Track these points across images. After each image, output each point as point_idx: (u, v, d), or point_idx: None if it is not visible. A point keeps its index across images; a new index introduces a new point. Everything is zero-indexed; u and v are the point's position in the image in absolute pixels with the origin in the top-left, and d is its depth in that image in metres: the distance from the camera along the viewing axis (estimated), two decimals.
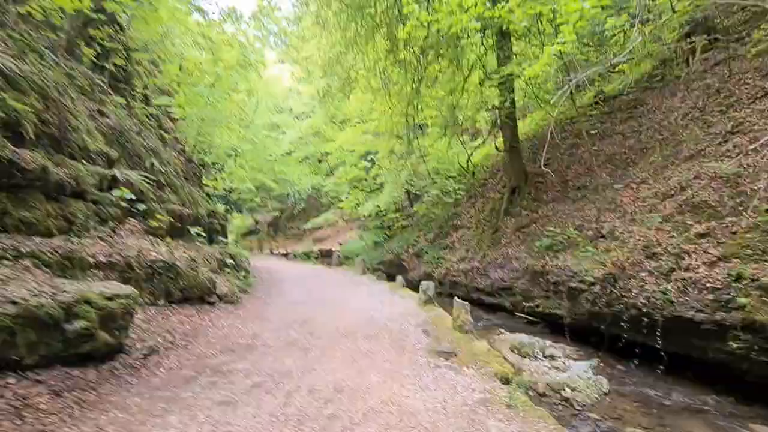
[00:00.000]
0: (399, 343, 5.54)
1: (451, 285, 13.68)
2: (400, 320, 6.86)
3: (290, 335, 5.76)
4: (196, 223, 9.37)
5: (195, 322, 5.88)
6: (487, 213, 14.79)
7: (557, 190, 12.69)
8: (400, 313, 7.50)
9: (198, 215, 9.56)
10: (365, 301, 8.76)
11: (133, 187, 6.76)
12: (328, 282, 11.30)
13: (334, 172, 23.00)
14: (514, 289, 10.69)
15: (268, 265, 15.99)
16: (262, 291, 9.44)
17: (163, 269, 5.99)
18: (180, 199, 8.72)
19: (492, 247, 12.85)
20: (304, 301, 8.59)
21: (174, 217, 7.88)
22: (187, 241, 8.44)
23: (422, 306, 8.50)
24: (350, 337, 5.79)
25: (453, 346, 6.00)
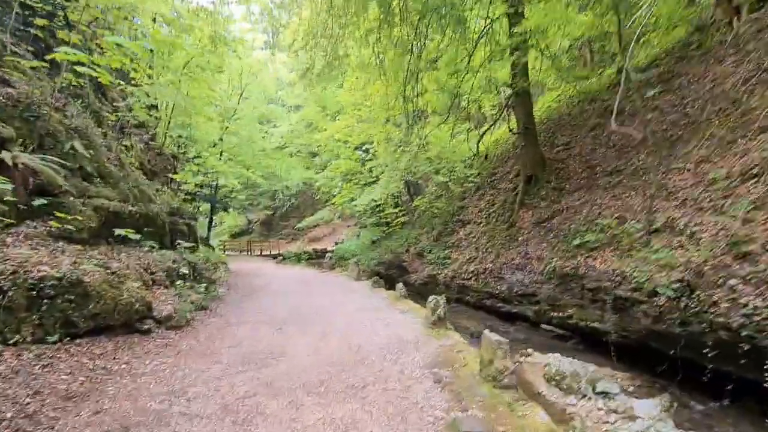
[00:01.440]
0: (397, 407, 3.67)
1: (460, 290, 11.87)
2: (401, 355, 4.95)
3: (235, 390, 3.87)
4: (147, 223, 7.56)
5: (99, 369, 4.07)
6: (499, 206, 12.96)
7: (583, 176, 10.85)
8: (400, 340, 5.58)
9: (149, 214, 7.74)
10: (356, 320, 6.94)
11: (37, 176, 4.94)
12: (315, 291, 9.56)
13: (327, 166, 21.17)
14: (537, 295, 8.87)
15: (251, 270, 14.18)
16: (228, 307, 7.63)
17: (59, 290, 4.20)
18: (120, 194, 6.90)
19: (507, 246, 11.03)
20: (278, 320, 6.74)
21: (105, 216, 6.10)
22: (129, 248, 6.64)
23: (431, 329, 6.49)
24: (324, 392, 3.87)
25: (486, 417, 3.69)
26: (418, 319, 6.86)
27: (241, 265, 15.76)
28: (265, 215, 37.63)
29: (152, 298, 5.76)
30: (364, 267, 17.05)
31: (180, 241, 8.20)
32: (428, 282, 13.34)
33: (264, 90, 24.09)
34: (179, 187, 12.19)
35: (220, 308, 7.46)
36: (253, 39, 21.45)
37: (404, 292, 8.35)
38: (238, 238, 38.00)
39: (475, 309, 11.17)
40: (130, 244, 6.66)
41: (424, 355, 5.05)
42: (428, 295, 13.61)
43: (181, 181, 11.38)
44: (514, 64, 11.16)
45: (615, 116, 6.94)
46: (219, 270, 10.80)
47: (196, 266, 7.73)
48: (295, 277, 11.98)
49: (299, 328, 6.31)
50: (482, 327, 9.60)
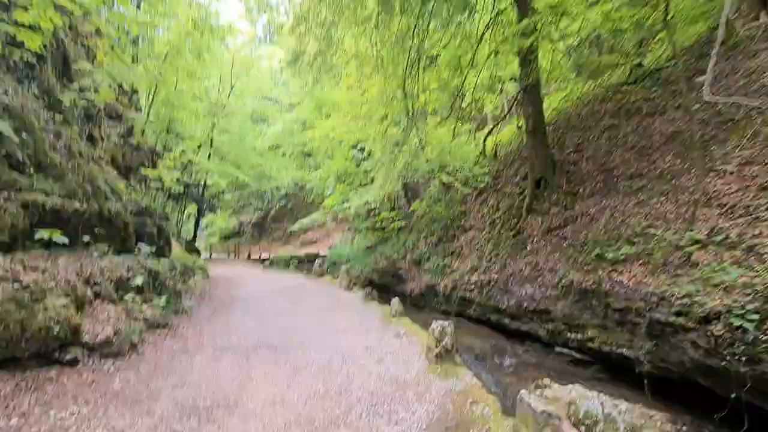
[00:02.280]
0: None
1: (461, 302, 10.81)
2: (397, 408, 3.77)
3: None
4: (102, 224, 6.47)
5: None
6: (504, 211, 11.95)
7: (598, 180, 9.87)
8: (396, 381, 4.37)
9: (104, 213, 6.64)
10: (341, 348, 5.70)
11: None
12: (298, 305, 8.50)
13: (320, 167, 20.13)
14: (551, 312, 7.83)
15: (233, 277, 13.05)
16: (192, 325, 6.50)
17: None
18: (65, 189, 5.81)
19: (514, 255, 10.01)
20: (246, 346, 5.65)
21: (39, 215, 5.02)
22: (76, 253, 5.56)
23: (435, 365, 5.23)
24: None
25: None
26: (417, 348, 5.65)
27: (224, 270, 14.64)
28: (256, 217, 36.46)
29: (86, 317, 4.66)
30: (358, 273, 15.99)
31: (141, 244, 7.11)
32: (426, 293, 12.28)
33: (257, 86, 23.06)
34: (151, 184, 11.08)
35: (183, 326, 6.32)
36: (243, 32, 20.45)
37: (400, 308, 7.27)
38: (230, 240, 36.82)
39: (478, 324, 10.13)
40: (76, 249, 5.59)
41: (429, 408, 3.92)
42: (426, 307, 12.59)
43: (154, 177, 10.28)
44: (524, 52, 10.18)
45: (707, 85, 5.32)
46: (193, 278, 9.70)
47: (158, 275, 6.63)
48: (280, 286, 10.85)
49: (269, 358, 5.17)
50: (488, 346, 8.57)
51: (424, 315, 11.51)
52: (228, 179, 20.01)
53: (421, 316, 11.18)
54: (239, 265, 17.40)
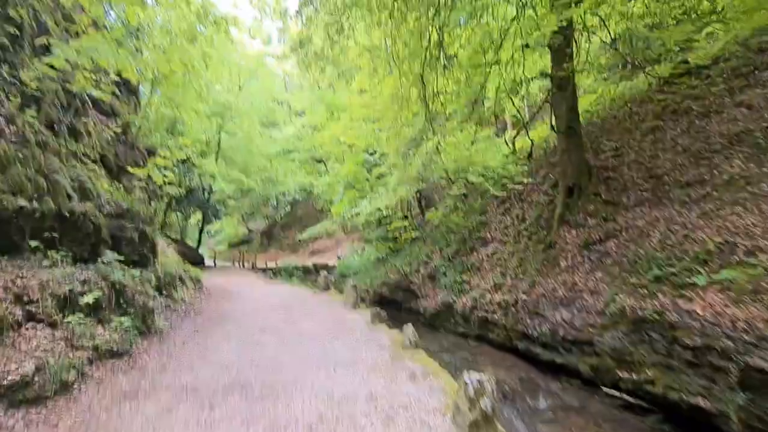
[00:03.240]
0: None
1: (482, 325, 9.52)
2: None
3: None
4: (63, 227, 5.45)
5: None
6: (531, 222, 10.67)
7: (645, 188, 8.57)
8: None
9: (65, 214, 5.62)
10: (337, 399, 4.19)
11: None
12: (293, 328, 7.05)
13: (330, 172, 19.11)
14: (595, 344, 6.50)
15: (230, 289, 11.91)
16: (159, 353, 5.24)
17: None
18: (8, 182, 4.79)
19: (545, 272, 8.72)
20: (215, 389, 4.34)
21: None
22: (9, 259, 4.52)
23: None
24: None
25: None
26: (439, 400, 4.08)
27: (223, 281, 13.57)
28: (265, 225, 35.63)
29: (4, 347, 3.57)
30: (366, 287, 14.77)
31: (108, 252, 6.05)
32: (442, 311, 11.01)
33: (267, 88, 22.26)
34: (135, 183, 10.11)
35: (147, 354, 5.18)
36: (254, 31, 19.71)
37: (414, 337, 5.96)
38: (238, 248, 36.04)
39: (502, 351, 8.81)
40: (16, 256, 4.57)
41: None
42: (441, 328, 11.27)
43: (142, 177, 9.31)
44: (559, 45, 9.01)
45: None
46: (182, 290, 8.63)
47: (124, 289, 5.55)
48: (279, 301, 9.65)
49: (240, 410, 3.78)
50: (516, 380, 7.24)
51: (440, 337, 10.24)
52: (232, 184, 19.13)
53: (437, 339, 9.90)
54: (242, 274, 16.32)
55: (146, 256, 7.95)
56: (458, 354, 8.78)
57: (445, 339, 10.08)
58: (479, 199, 13.96)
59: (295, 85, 31.99)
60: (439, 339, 10.07)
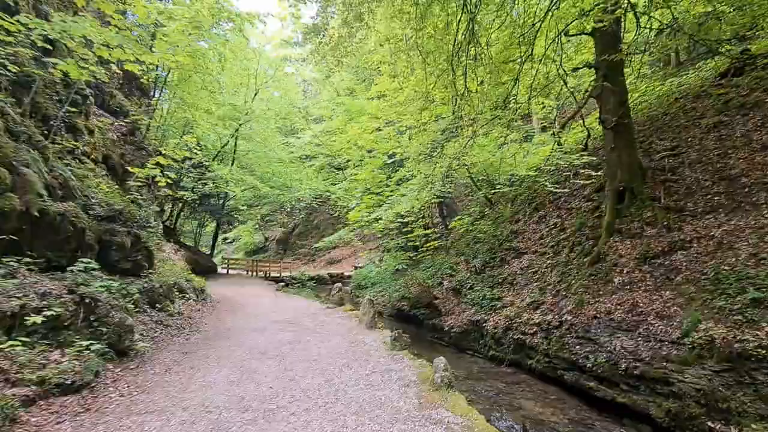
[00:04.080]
0: None
1: (518, 348, 8.27)
2: None
3: None
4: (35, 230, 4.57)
5: None
6: (573, 231, 9.40)
7: (716, 191, 7.27)
8: None
9: (30, 212, 4.75)
10: None
11: None
12: (299, 352, 5.87)
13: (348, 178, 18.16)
14: (672, 383, 5.19)
15: (238, 300, 10.86)
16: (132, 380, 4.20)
17: None
18: None
19: (595, 290, 7.44)
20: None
21: None
22: None
23: None
24: None
25: None
26: None
27: (232, 291, 12.65)
28: (281, 233, 34.97)
29: None
30: (385, 301, 13.64)
31: (83, 260, 5.15)
32: (469, 331, 9.78)
33: (285, 93, 21.62)
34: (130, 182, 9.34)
35: (114, 387, 4.04)
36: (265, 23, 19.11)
37: (447, 372, 4.68)
38: (254, 256, 35.44)
39: (543, 381, 7.52)
40: None
41: None
42: (468, 349, 10.01)
43: (143, 177, 8.50)
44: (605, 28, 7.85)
45: None
46: (181, 303, 7.68)
47: (96, 304, 4.61)
48: (286, 318, 8.50)
49: None
50: (565, 421, 5.98)
51: (468, 361, 9.00)
52: (246, 189, 18.39)
53: (464, 364, 8.68)
54: (253, 284, 15.36)
55: (140, 264, 7.08)
56: (491, 383, 7.55)
57: (474, 363, 8.85)
58: (509, 206, 12.73)
59: (314, 93, 31.49)
60: (466, 363, 8.85)
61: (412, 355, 5.68)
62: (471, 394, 7.13)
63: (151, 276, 7.33)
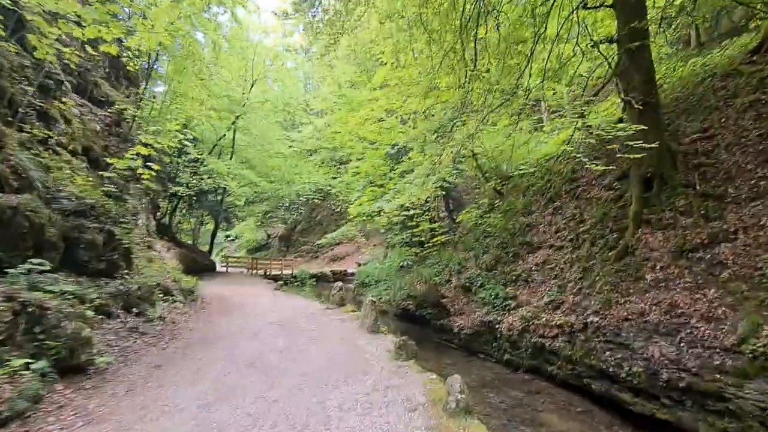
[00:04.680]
0: None
1: (536, 353, 7.50)
2: None
3: None
4: None
5: None
6: (593, 224, 8.58)
7: (759, 176, 6.43)
8: None
9: None
10: None
11: None
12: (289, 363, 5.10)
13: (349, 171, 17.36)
14: (728, 398, 4.40)
15: (231, 300, 10.01)
16: (80, 406, 3.39)
17: None
18: None
19: (624, 287, 6.66)
20: None
21: None
22: None
23: None
24: None
25: None
26: None
27: (225, 291, 11.92)
28: (284, 230, 34.32)
29: None
30: (389, 298, 12.89)
31: (34, 260, 4.42)
32: (480, 332, 9.01)
33: (284, 86, 20.80)
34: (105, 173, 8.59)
35: (55, 417, 3.21)
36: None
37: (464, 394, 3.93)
38: (257, 253, 34.82)
39: (567, 390, 6.75)
40: None
41: None
42: (480, 352, 9.25)
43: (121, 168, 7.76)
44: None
45: None
46: (162, 307, 6.94)
47: (43, 313, 3.87)
48: (281, 320, 7.71)
49: None
50: None
51: (480, 367, 8.24)
52: (243, 184, 17.66)
53: (476, 369, 7.92)
54: (251, 283, 14.60)
55: (115, 264, 6.38)
56: (507, 392, 6.79)
57: (487, 369, 8.09)
58: (521, 197, 11.90)
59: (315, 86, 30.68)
60: (479, 369, 8.09)
61: (419, 368, 4.92)
62: (486, 407, 6.39)
63: (129, 277, 6.62)
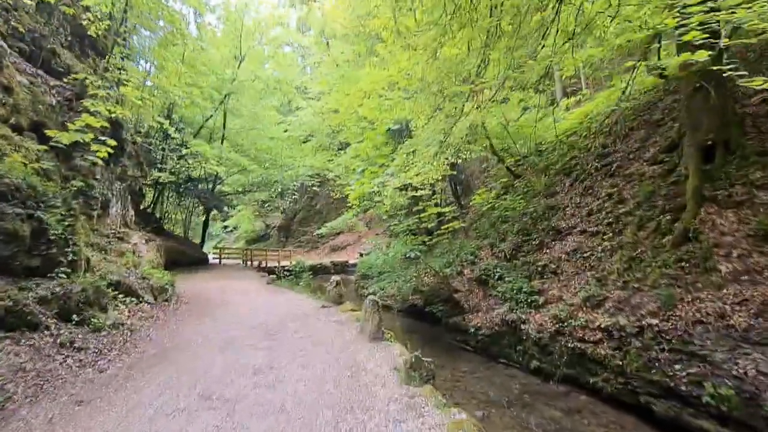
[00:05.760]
0: None
1: (574, 360, 6.20)
2: None
3: None
4: None
5: None
6: (637, 204, 7.21)
7: None
8: None
9: None
10: None
11: None
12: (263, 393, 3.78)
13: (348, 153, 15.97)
14: None
15: (216, 298, 8.68)
16: None
17: None
18: None
19: (689, 280, 5.34)
20: None
21: None
22: None
23: None
24: None
25: None
26: None
27: (211, 287, 10.61)
28: (282, 219, 33.05)
29: None
30: (394, 294, 11.61)
31: None
32: (502, 332, 7.68)
33: (275, 60, 19.23)
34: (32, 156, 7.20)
35: None
36: None
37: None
38: (255, 244, 33.62)
39: (615, 407, 5.46)
40: None
41: None
42: (502, 357, 7.90)
43: (64, 142, 6.40)
44: None
45: None
46: (113, 312, 5.67)
47: None
48: (267, 324, 6.29)
49: None
50: None
51: (502, 375, 6.94)
52: (231, 169, 16.32)
53: (497, 378, 6.63)
54: (243, 277, 13.35)
55: (53, 261, 5.09)
56: (541, 411, 5.51)
57: (512, 378, 6.79)
58: (542, 177, 10.50)
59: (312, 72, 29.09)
60: (502, 378, 6.80)
61: (439, 397, 3.60)
62: (519, 430, 5.13)
63: (75, 276, 5.33)
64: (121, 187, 10.95)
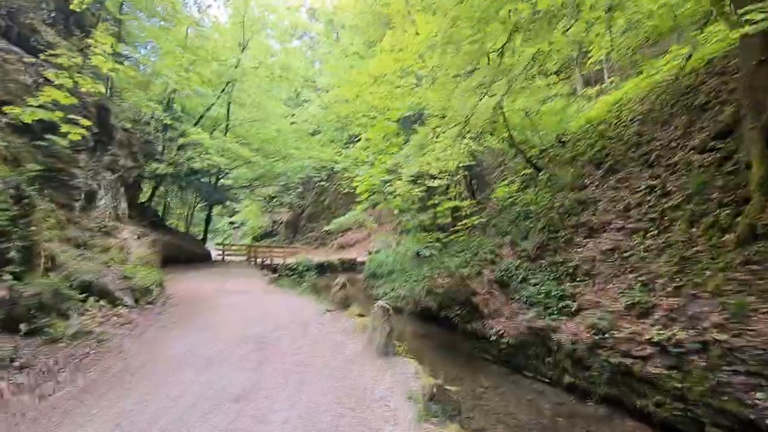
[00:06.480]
0: None
1: (617, 378, 5.32)
2: None
3: None
4: None
5: None
6: (686, 197, 6.29)
7: None
8: None
9: None
10: None
11: None
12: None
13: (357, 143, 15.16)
14: None
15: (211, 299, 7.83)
16: None
17: None
18: None
19: (763, 286, 4.38)
20: None
21: None
22: None
23: None
24: None
25: None
26: None
27: (206, 286, 9.80)
28: (290, 215, 32.37)
29: None
30: (406, 295, 10.78)
31: None
32: (528, 342, 6.82)
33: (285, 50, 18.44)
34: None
35: None
36: None
37: None
38: (262, 241, 33.02)
39: None
40: None
41: None
42: (527, 370, 6.91)
43: (17, 119, 5.68)
44: None
45: None
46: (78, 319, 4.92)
47: None
48: (261, 333, 5.50)
49: None
50: None
51: (529, 389, 6.09)
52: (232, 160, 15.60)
53: (523, 395, 5.78)
54: (244, 275, 12.58)
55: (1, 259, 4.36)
56: None
57: (542, 396, 5.93)
58: (570, 169, 9.56)
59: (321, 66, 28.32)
60: (529, 394, 5.95)
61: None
62: None
63: (31, 277, 4.61)
64: (111, 177, 10.26)
